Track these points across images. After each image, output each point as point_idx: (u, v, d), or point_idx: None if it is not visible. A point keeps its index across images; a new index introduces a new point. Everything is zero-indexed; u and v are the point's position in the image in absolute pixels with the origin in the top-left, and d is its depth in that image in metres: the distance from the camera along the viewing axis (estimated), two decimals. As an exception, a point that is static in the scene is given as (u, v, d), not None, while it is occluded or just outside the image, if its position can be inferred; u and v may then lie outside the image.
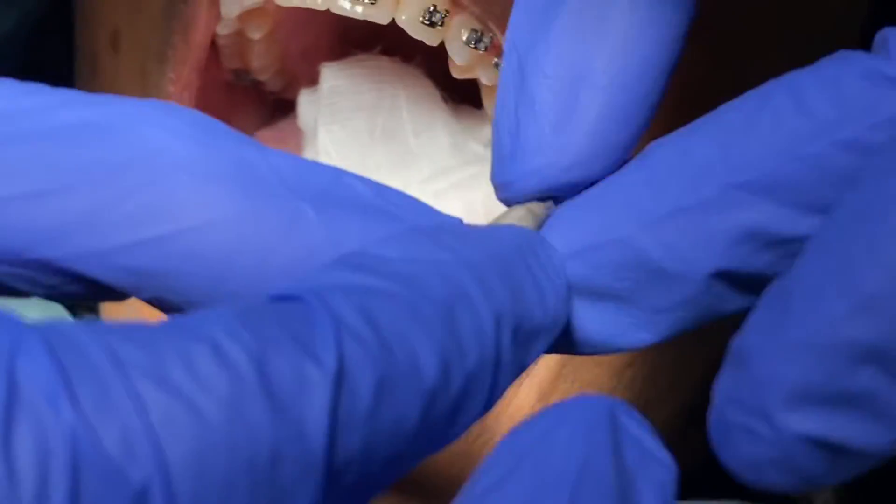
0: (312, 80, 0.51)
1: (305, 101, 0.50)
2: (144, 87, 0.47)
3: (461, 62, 0.46)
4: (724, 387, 0.24)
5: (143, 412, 0.20)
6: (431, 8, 0.45)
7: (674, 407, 0.50)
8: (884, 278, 0.22)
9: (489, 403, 0.25)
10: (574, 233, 0.28)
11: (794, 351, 0.23)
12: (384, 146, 0.49)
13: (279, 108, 0.52)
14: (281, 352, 0.21)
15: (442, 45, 0.45)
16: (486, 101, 0.48)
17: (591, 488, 0.23)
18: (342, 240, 0.26)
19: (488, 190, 0.33)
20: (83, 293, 0.26)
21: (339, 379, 0.22)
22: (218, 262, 0.25)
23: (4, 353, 0.20)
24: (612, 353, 0.28)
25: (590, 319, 0.28)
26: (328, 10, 0.45)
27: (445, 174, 0.49)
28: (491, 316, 0.25)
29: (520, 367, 0.26)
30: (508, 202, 0.29)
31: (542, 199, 0.29)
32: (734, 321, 0.27)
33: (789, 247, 0.26)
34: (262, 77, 0.50)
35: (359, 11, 0.45)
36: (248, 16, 0.47)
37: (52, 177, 0.25)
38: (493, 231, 0.27)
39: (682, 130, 0.28)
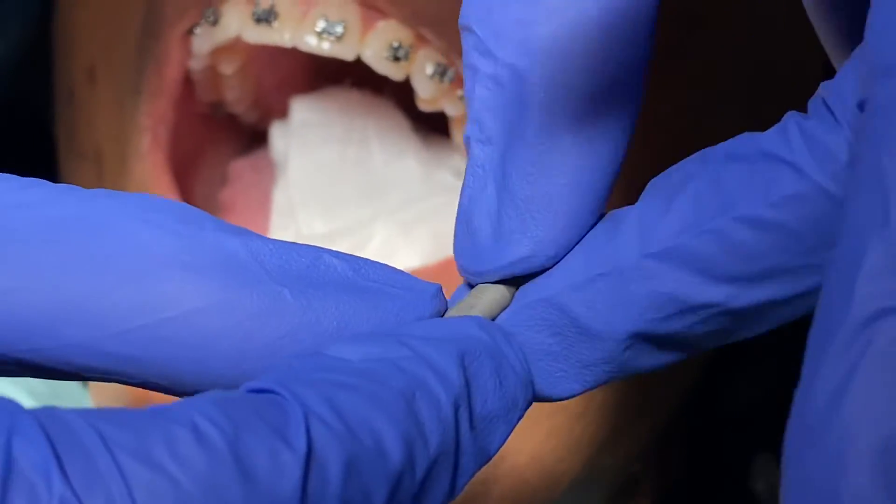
0: (287, 112, 0.51)
1: (277, 134, 0.51)
2: (121, 119, 0.48)
3: (426, 96, 0.46)
4: None
5: (126, 485, 0.22)
6: (396, 44, 0.46)
7: (646, 428, 0.50)
8: (855, 481, 0.22)
9: (454, 488, 0.27)
10: (528, 290, 0.30)
11: None
12: (354, 177, 0.50)
13: (255, 138, 0.53)
14: (255, 435, 0.23)
15: (407, 79, 0.46)
16: (453, 131, 0.49)
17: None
18: (320, 321, 0.27)
19: None
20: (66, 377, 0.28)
21: (309, 460, 0.24)
22: (201, 348, 0.27)
23: (3, 432, 0.22)
24: (544, 402, 0.30)
25: (543, 354, 0.30)
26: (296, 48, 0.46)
27: (415, 204, 0.49)
28: (449, 402, 0.26)
29: (483, 452, 0.27)
30: (471, 282, 0.30)
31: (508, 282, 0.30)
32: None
33: (703, 312, 0.28)
34: (237, 110, 0.51)
35: (325, 48, 0.46)
36: (219, 52, 0.48)
37: (38, 272, 0.27)
38: (455, 323, 0.28)
39: (620, 207, 0.30)
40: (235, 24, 0.46)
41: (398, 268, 0.29)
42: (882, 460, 0.22)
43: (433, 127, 0.50)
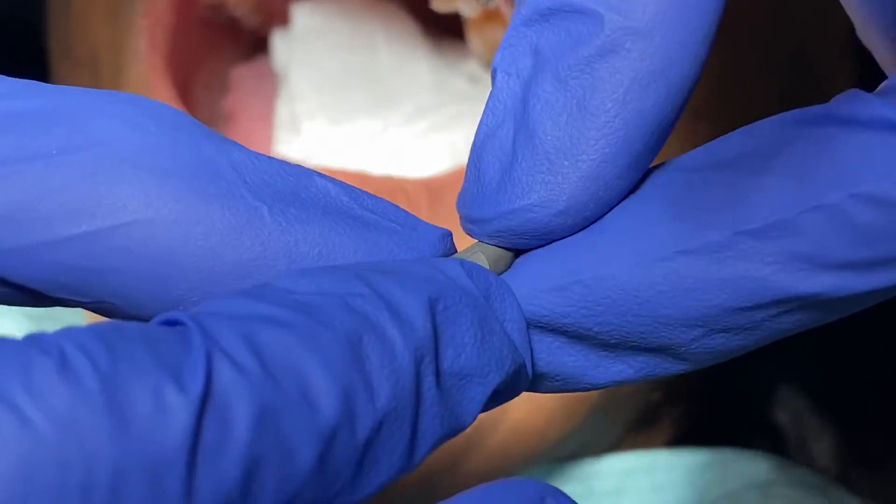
0: (289, 18, 0.49)
1: (279, 42, 0.49)
2: (117, 22, 0.46)
3: None
4: None
5: None
6: (406, -66, 0.43)
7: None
8: None
9: (412, 455, 0.23)
10: (556, 266, 0.25)
11: None
12: (361, 87, 0.48)
13: (257, 45, 0.51)
14: (138, 372, 0.20)
15: None
16: (469, 33, 0.46)
17: None
18: (299, 245, 0.24)
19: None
20: (19, 299, 0.25)
21: (205, 406, 0.20)
22: (161, 262, 0.24)
23: None
24: (581, 390, 0.26)
25: (563, 353, 0.26)
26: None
27: (427, 114, 0.47)
28: (408, 351, 0.23)
29: (452, 415, 0.23)
30: (473, 237, 0.26)
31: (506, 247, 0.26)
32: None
33: (799, 302, 0.24)
34: (238, 13, 0.49)
35: (332, -60, 0.43)
36: (221, -51, 0.45)
37: None
38: (434, 262, 0.24)
39: (687, 163, 0.25)
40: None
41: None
42: None
43: (446, 29, 0.48)
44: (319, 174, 0.25)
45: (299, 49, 0.47)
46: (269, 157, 0.25)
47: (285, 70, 0.48)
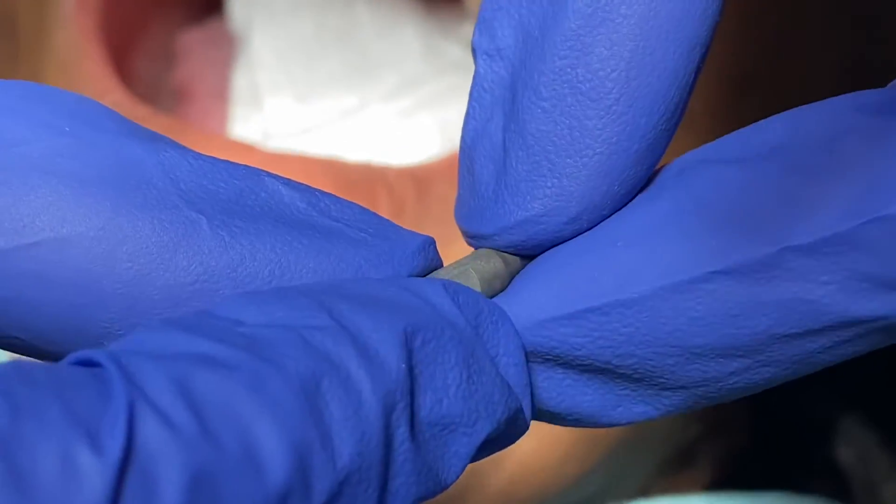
0: None
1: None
2: None
3: None
4: None
5: None
6: None
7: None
8: None
9: None
10: (566, 289, 0.24)
11: None
12: (337, 53, 0.44)
13: (210, 5, 0.47)
14: (44, 429, 0.18)
15: None
16: None
17: None
18: (245, 264, 0.23)
19: None
20: None
21: (125, 470, 0.18)
22: (78, 289, 0.22)
23: None
24: (593, 426, 0.25)
25: (577, 391, 0.24)
26: None
27: (415, 86, 0.44)
28: (376, 398, 0.21)
29: (430, 473, 0.22)
30: (475, 247, 0.25)
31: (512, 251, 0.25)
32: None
33: (858, 328, 0.22)
34: None
35: None
36: None
37: None
38: (414, 286, 0.23)
39: (715, 155, 0.24)
40: None
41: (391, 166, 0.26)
42: None
43: None
44: (270, 174, 0.24)
45: (261, 7, 0.44)
46: (210, 158, 0.23)
47: (244, 33, 0.45)
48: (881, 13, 0.46)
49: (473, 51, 0.24)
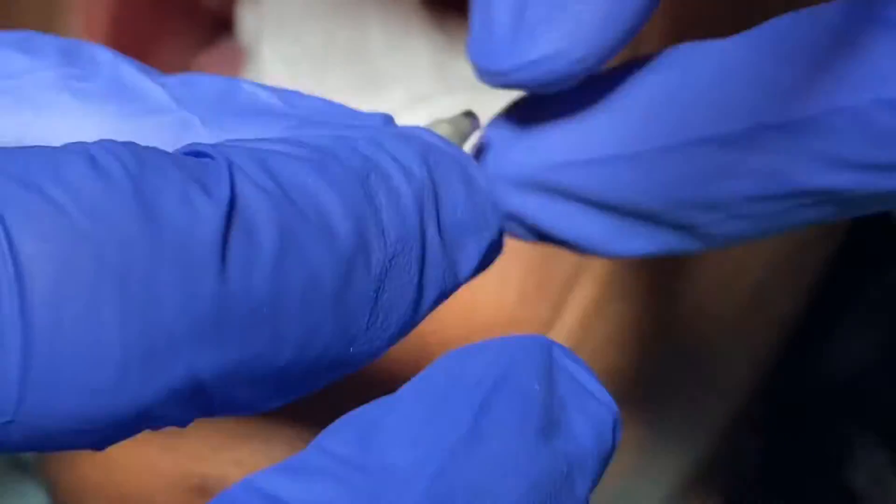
0: None
1: (247, 12, 0.44)
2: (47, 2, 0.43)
3: None
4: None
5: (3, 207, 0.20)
6: None
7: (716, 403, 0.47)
8: None
9: (419, 305, 0.24)
10: (578, 138, 0.28)
11: None
12: (345, 66, 0.43)
13: (219, 28, 0.46)
14: (166, 177, 0.21)
15: None
16: None
17: (506, 397, 0.23)
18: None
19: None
20: None
21: (232, 213, 0.21)
22: None
23: None
24: (599, 255, 0.29)
25: (585, 221, 0.28)
26: None
27: (423, 103, 0.43)
28: (411, 195, 0.24)
29: (452, 268, 0.25)
30: (491, 86, 0.28)
31: (468, 113, 0.28)
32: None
33: (814, 197, 0.26)
34: None
35: None
36: None
37: None
38: (416, 130, 0.26)
39: (708, 48, 0.27)
40: None
41: None
42: None
43: (447, 2, 0.43)
44: (246, 80, 0.26)
45: (271, 18, 0.43)
46: (191, 73, 0.26)
47: (254, 45, 0.44)
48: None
49: None
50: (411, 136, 0.25)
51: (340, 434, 0.22)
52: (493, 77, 0.27)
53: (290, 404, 0.23)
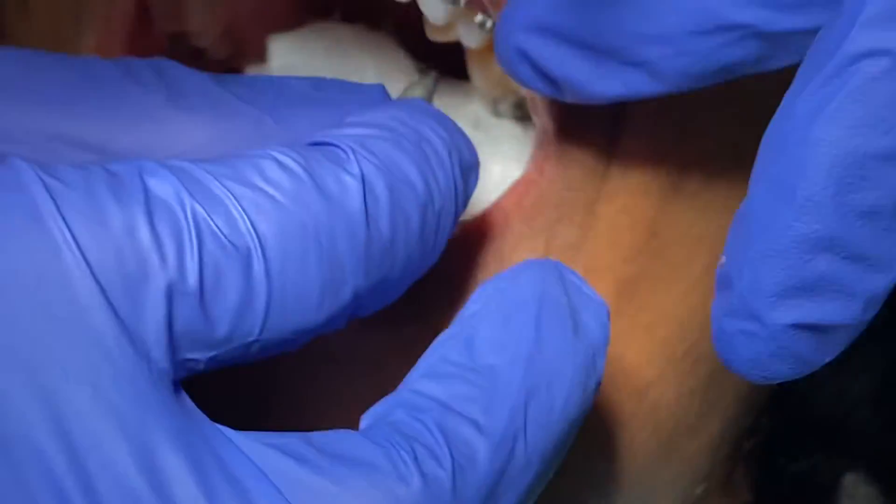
0: (264, 47, 0.45)
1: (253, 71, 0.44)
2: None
3: (438, 20, 0.39)
4: (718, 306, 0.31)
5: (236, 201, 0.29)
6: (398, -46, 0.38)
7: (708, 439, 0.46)
8: (811, 185, 0.29)
9: (454, 223, 0.34)
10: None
11: (762, 260, 0.30)
12: None
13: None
14: (322, 165, 0.31)
15: (413, 2, 0.39)
16: (470, 67, 0.42)
17: (549, 309, 0.33)
18: (298, 134, 0.33)
19: (479, 179, 0.36)
20: None
21: (363, 183, 0.31)
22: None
23: (135, 172, 0.29)
24: (583, 98, 0.35)
25: (572, 59, 0.34)
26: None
27: None
28: (446, 151, 0.34)
29: (466, 195, 0.35)
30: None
31: (424, 70, 0.40)
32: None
33: (737, 32, 0.32)
34: (204, 43, 0.44)
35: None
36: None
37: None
38: (416, 100, 0.35)
39: None
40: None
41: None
42: (835, 172, 0.29)
43: (444, 66, 0.44)
44: (288, 77, 0.35)
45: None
46: (247, 77, 0.34)
47: None
48: None
49: None
50: (422, 106, 0.34)
51: (453, 347, 0.32)
52: None
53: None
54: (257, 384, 0.36)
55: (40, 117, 0.31)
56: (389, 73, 0.44)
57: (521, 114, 0.42)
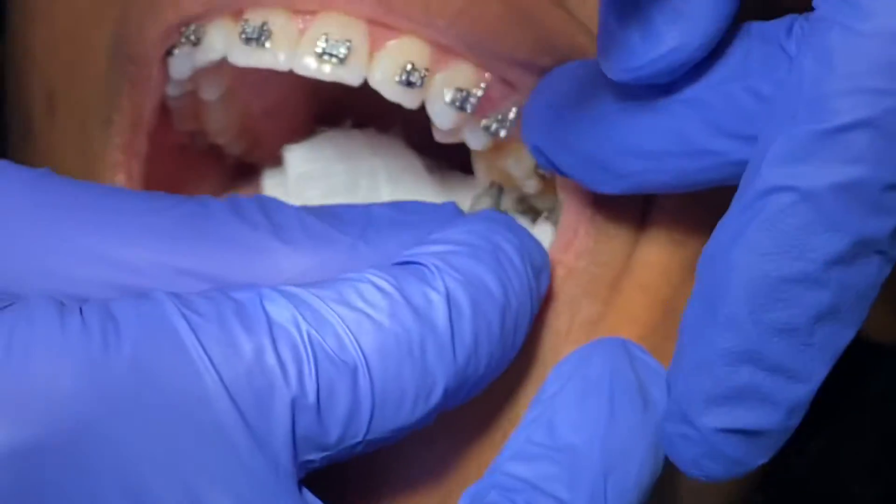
0: (278, 141, 0.46)
1: (271, 185, 0.46)
2: (85, 154, 0.43)
3: (445, 126, 0.40)
4: (666, 409, 0.35)
5: (342, 321, 0.33)
6: (409, 66, 0.39)
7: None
8: (730, 304, 0.32)
9: (531, 321, 0.37)
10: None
11: (692, 370, 0.33)
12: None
13: (241, 172, 0.48)
14: (411, 284, 0.34)
15: (422, 108, 0.40)
16: (476, 167, 0.43)
17: (621, 387, 0.36)
18: (386, 255, 0.36)
19: None
20: None
21: (448, 298, 0.34)
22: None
23: (257, 300, 0.33)
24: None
25: (579, 172, 0.37)
26: (292, 71, 0.40)
27: None
28: (518, 256, 0.36)
29: (540, 294, 0.38)
30: (623, 80, 0.35)
31: (492, 184, 0.43)
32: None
33: (712, 158, 0.35)
34: (221, 140, 0.45)
35: (326, 72, 0.39)
36: (201, 74, 0.42)
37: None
38: (488, 211, 0.38)
39: None
40: (221, 44, 0.41)
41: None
42: (750, 294, 0.32)
43: (452, 163, 0.45)
44: (370, 205, 0.38)
45: (294, 196, 0.44)
46: (337, 206, 0.38)
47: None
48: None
49: None
50: (492, 216, 0.37)
51: (537, 429, 0.35)
52: (627, 73, 0.34)
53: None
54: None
55: (165, 253, 0.34)
56: (399, 173, 0.45)
57: (524, 208, 0.43)
